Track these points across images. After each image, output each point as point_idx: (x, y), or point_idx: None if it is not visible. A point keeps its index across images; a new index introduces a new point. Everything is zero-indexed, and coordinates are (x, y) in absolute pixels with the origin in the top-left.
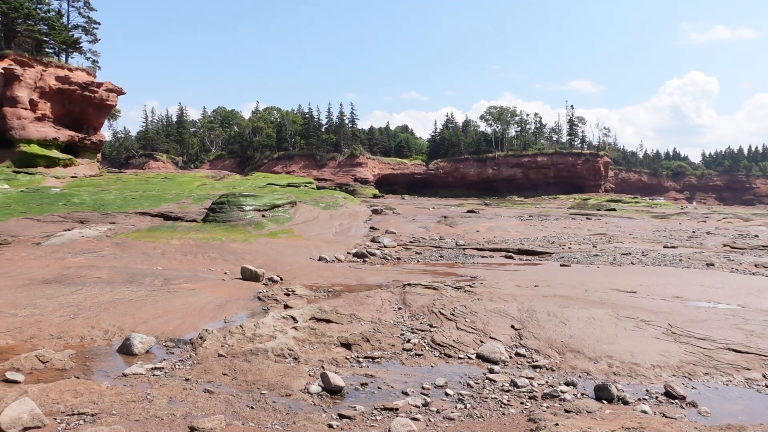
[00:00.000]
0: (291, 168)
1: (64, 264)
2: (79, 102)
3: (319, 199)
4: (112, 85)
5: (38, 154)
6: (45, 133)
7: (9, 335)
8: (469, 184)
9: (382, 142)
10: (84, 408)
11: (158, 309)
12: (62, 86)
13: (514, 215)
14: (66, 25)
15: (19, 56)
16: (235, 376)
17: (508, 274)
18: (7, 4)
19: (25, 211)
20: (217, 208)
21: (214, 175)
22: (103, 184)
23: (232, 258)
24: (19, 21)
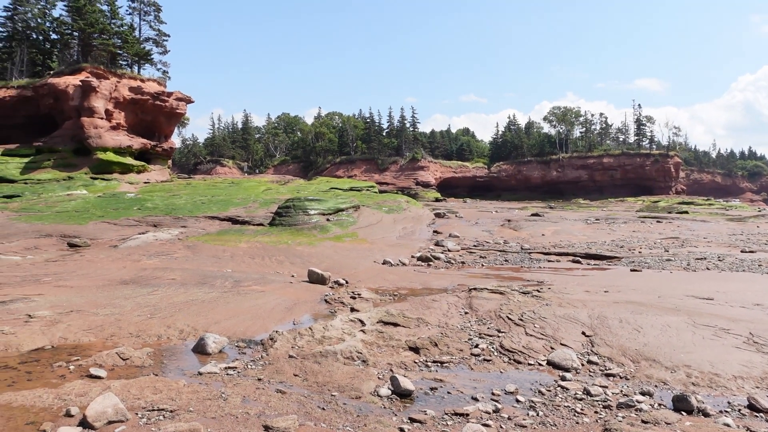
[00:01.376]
0: (353, 172)
1: (140, 266)
2: (151, 111)
3: (382, 203)
4: (181, 94)
5: (113, 161)
6: (120, 141)
7: (91, 333)
8: (532, 187)
9: (444, 146)
10: (163, 404)
11: (229, 310)
12: (135, 96)
13: (580, 218)
14: (138, 38)
15: (95, 69)
16: (305, 377)
17: (576, 279)
18: (84, 20)
19: (102, 215)
20: (283, 212)
21: (278, 180)
22: (173, 190)
23: (299, 261)
24: (95, 36)
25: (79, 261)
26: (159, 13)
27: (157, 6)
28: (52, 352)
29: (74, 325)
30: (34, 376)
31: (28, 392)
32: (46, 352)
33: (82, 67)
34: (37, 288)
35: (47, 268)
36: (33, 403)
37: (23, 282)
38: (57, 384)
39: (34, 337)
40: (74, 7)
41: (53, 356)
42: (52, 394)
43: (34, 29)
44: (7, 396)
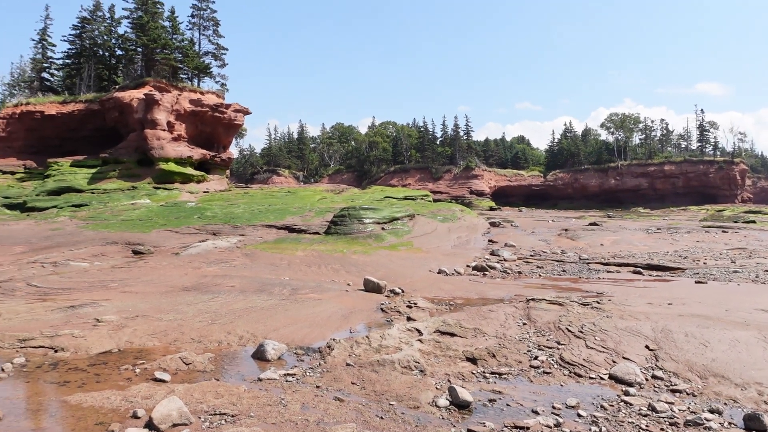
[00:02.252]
0: (407, 181)
1: (201, 273)
2: (210, 123)
3: (436, 212)
4: (239, 106)
5: (175, 171)
6: (180, 152)
7: (156, 338)
8: (589, 196)
9: (498, 154)
10: (225, 409)
11: (287, 317)
12: (195, 109)
13: (640, 228)
14: (198, 52)
15: (158, 82)
16: (363, 386)
17: (637, 291)
18: (147, 36)
19: (164, 224)
20: (339, 221)
21: (333, 189)
22: (232, 199)
23: (354, 270)
24: (157, 51)
25: (143, 268)
26: (217, 27)
27: (215, 21)
28: (119, 356)
29: (139, 330)
30: (103, 378)
31: (97, 393)
32: (113, 355)
33: (145, 81)
34: (105, 293)
35: (113, 275)
36: (102, 404)
37: (91, 287)
38: (124, 386)
39: (102, 340)
40: (138, 24)
41: (120, 359)
42: (120, 396)
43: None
44: (78, 397)
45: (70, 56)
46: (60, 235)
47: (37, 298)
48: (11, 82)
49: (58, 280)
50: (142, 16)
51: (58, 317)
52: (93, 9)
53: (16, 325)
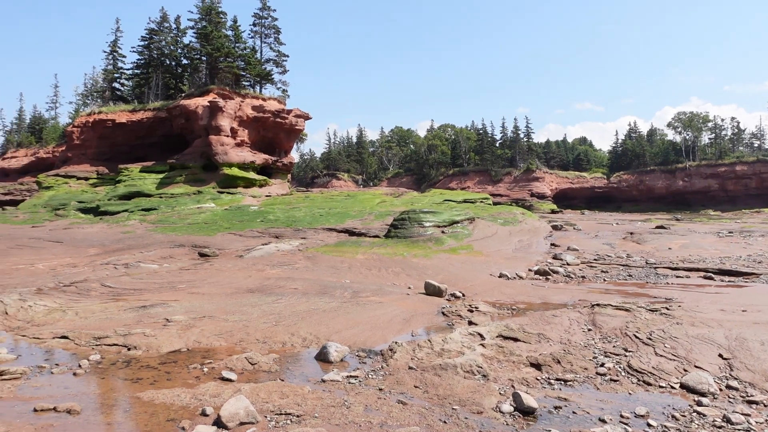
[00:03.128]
0: (466, 184)
1: (264, 275)
2: (272, 128)
3: (496, 215)
4: (300, 111)
5: (238, 176)
6: (243, 157)
7: (222, 338)
8: (656, 198)
9: (559, 156)
10: (290, 409)
11: (349, 320)
12: (257, 115)
13: (710, 231)
14: (260, 60)
15: (221, 90)
16: (426, 390)
17: (709, 297)
18: (212, 45)
19: (229, 227)
20: (398, 225)
21: (392, 193)
22: (293, 202)
23: (414, 273)
24: (221, 59)
25: (209, 270)
26: (278, 35)
27: (276, 29)
28: (188, 355)
29: (207, 330)
30: (173, 376)
31: (168, 391)
32: (182, 354)
33: (209, 88)
34: (173, 294)
35: (181, 276)
36: (172, 401)
37: (161, 288)
38: (193, 384)
39: (172, 339)
40: (202, 34)
41: (188, 358)
42: (189, 394)
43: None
44: (150, 393)
45: (139, 66)
46: (131, 238)
47: (110, 298)
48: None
49: (130, 281)
50: (206, 26)
51: (131, 317)
52: (160, 20)
53: (91, 324)
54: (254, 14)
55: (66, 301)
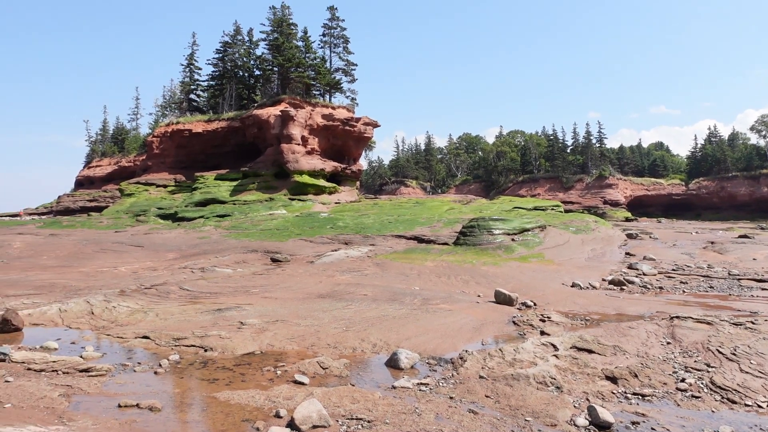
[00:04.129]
0: (536, 191)
1: (334, 281)
2: (341, 136)
3: (568, 223)
4: (368, 119)
5: (308, 183)
6: (314, 164)
7: (294, 342)
8: (738, 205)
9: (634, 162)
10: (361, 414)
11: (419, 327)
12: (327, 123)
13: None
14: (329, 69)
15: (292, 99)
16: (497, 400)
17: None
18: (283, 56)
19: (299, 233)
20: (468, 232)
21: (460, 200)
22: (362, 209)
23: (484, 281)
24: (292, 69)
25: (281, 275)
26: (347, 44)
27: (345, 38)
28: (261, 357)
29: (279, 334)
30: (247, 378)
31: (243, 392)
32: (255, 356)
33: (281, 98)
34: (247, 298)
35: (254, 281)
36: (247, 402)
37: (235, 292)
38: (266, 386)
39: (246, 342)
40: (274, 45)
41: (262, 361)
42: (263, 396)
43: (240, 67)
44: (226, 394)
45: (213, 78)
46: (206, 243)
47: (188, 301)
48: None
49: (206, 284)
50: (277, 37)
51: (207, 319)
52: (234, 33)
53: (170, 325)
54: (324, 25)
55: (147, 302)
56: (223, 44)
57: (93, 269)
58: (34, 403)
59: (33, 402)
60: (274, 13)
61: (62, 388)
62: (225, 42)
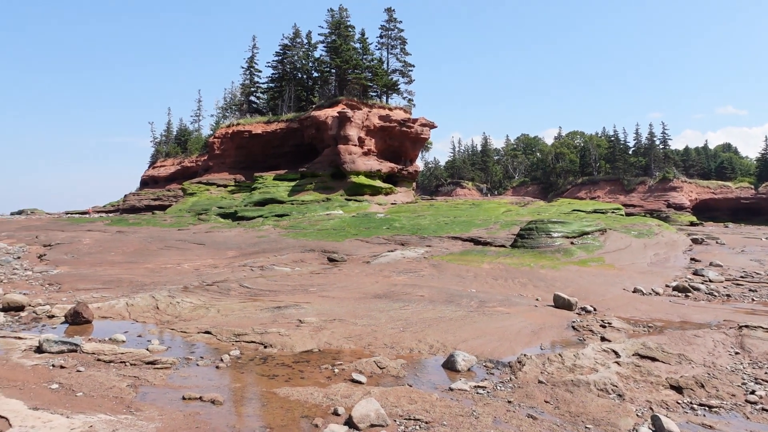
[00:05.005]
0: (595, 193)
1: (391, 281)
2: (398, 137)
3: (630, 227)
4: (425, 120)
5: (365, 184)
6: (370, 165)
7: (351, 341)
8: None
9: (699, 164)
10: (418, 415)
11: (476, 330)
12: (384, 124)
13: None
14: (386, 71)
15: (350, 101)
16: (557, 405)
17: None
18: (341, 58)
19: (356, 234)
20: (525, 234)
21: (518, 202)
22: (418, 210)
23: (542, 284)
24: (349, 71)
25: (338, 274)
26: (404, 45)
27: (402, 40)
28: (319, 355)
29: (337, 333)
30: (306, 375)
31: (302, 389)
32: (314, 354)
33: (338, 100)
34: (305, 297)
35: (312, 280)
36: (306, 398)
37: (293, 291)
38: (324, 384)
39: (304, 340)
40: (332, 48)
41: (320, 359)
42: (321, 393)
43: (299, 69)
44: (285, 390)
45: (273, 80)
46: (265, 242)
47: (248, 298)
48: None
49: (265, 282)
50: (335, 39)
51: (266, 316)
52: (293, 36)
53: (231, 321)
54: (381, 26)
55: (209, 299)
56: (282, 47)
57: (157, 265)
58: (104, 393)
59: (103, 391)
60: (332, 16)
61: (130, 379)
62: (284, 45)
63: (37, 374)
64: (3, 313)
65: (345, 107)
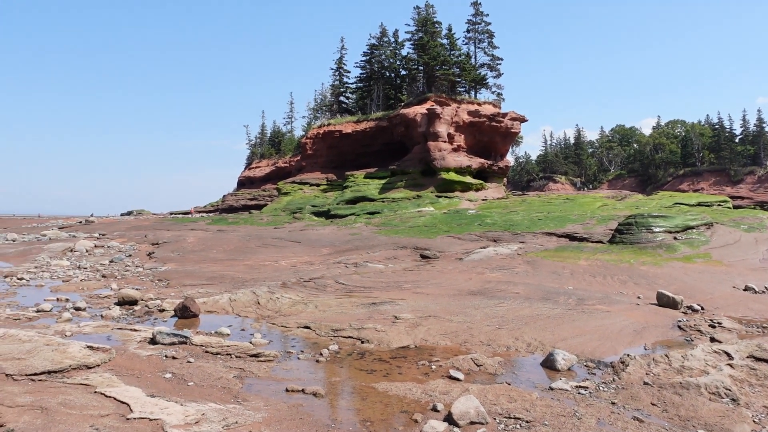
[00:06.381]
0: (699, 185)
1: (484, 278)
2: (488, 132)
3: (738, 220)
4: (515, 114)
5: (455, 180)
6: (460, 161)
7: (447, 338)
8: None
9: None
10: (518, 414)
11: (575, 328)
12: (473, 119)
13: None
14: (474, 65)
15: (438, 97)
16: (665, 408)
17: None
18: (428, 54)
19: (447, 230)
20: (624, 230)
21: (614, 196)
22: (509, 206)
23: (643, 282)
24: (437, 67)
25: (431, 271)
26: (492, 39)
27: (490, 33)
28: (416, 351)
29: (432, 329)
30: (403, 371)
31: (400, 384)
32: (410, 350)
33: (426, 96)
34: (399, 293)
35: (405, 276)
36: (404, 394)
37: (387, 287)
38: (422, 380)
39: (400, 336)
40: (419, 45)
41: (416, 355)
42: (420, 389)
43: (387, 68)
44: (383, 385)
45: (361, 80)
46: (357, 240)
47: (343, 294)
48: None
49: (360, 279)
50: (422, 36)
51: (362, 312)
52: (380, 36)
53: (329, 317)
54: (468, 20)
55: (306, 294)
56: (370, 47)
57: (256, 262)
58: (213, 383)
59: (211, 382)
60: (418, 13)
61: (236, 370)
62: (372, 44)
63: (151, 364)
64: (119, 307)
65: (433, 104)
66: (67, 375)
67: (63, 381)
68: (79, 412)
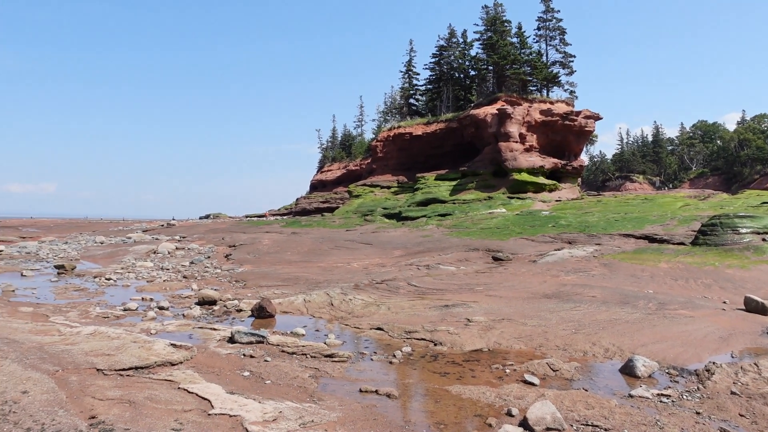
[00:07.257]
0: None
1: (559, 281)
2: (560, 131)
3: None
4: (589, 112)
5: (527, 181)
6: (532, 162)
7: (521, 341)
8: None
9: None
10: (596, 421)
11: (656, 333)
12: (545, 119)
13: None
14: (545, 63)
15: (509, 97)
16: (755, 420)
17: None
18: (498, 54)
19: (520, 232)
20: (708, 231)
21: (696, 195)
22: (584, 207)
23: (729, 286)
24: (507, 67)
25: (504, 273)
26: (564, 36)
27: (561, 30)
28: (489, 355)
29: (506, 332)
30: (477, 374)
31: (474, 387)
32: (483, 353)
33: (497, 96)
34: (472, 296)
35: (477, 279)
36: (478, 397)
37: (460, 289)
38: (496, 384)
39: (473, 339)
40: (488, 44)
41: (490, 358)
42: (494, 393)
43: (456, 69)
44: (457, 388)
45: (430, 82)
46: (429, 242)
47: (416, 296)
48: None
49: (432, 281)
50: (491, 36)
51: (435, 314)
52: (448, 36)
53: (401, 319)
54: (538, 18)
55: (379, 296)
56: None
57: (329, 264)
58: (289, 382)
59: (288, 381)
60: (486, 12)
61: (311, 370)
62: (440, 46)
63: (230, 362)
64: (199, 306)
65: (504, 104)
66: (152, 371)
67: (149, 377)
68: (164, 407)
